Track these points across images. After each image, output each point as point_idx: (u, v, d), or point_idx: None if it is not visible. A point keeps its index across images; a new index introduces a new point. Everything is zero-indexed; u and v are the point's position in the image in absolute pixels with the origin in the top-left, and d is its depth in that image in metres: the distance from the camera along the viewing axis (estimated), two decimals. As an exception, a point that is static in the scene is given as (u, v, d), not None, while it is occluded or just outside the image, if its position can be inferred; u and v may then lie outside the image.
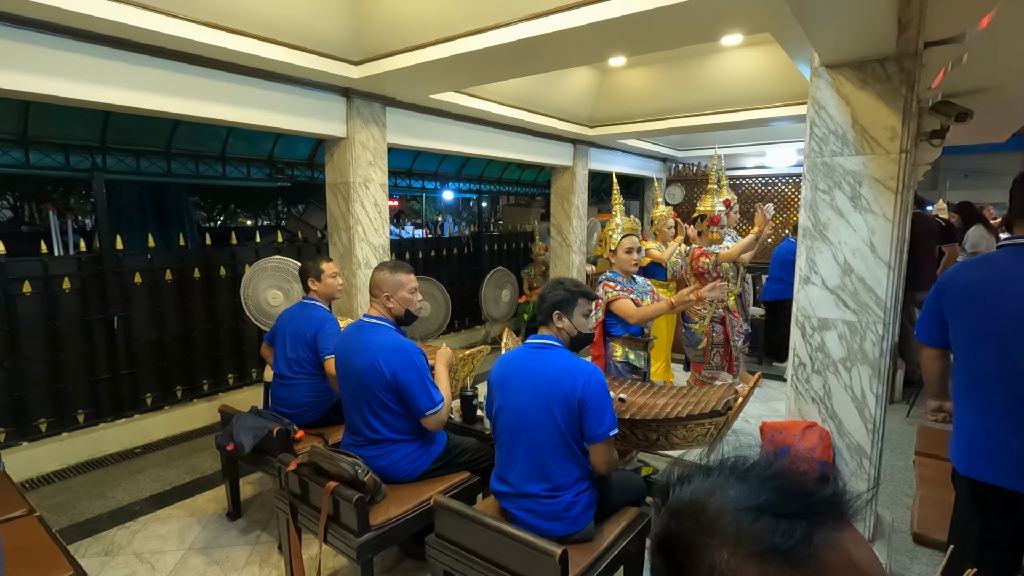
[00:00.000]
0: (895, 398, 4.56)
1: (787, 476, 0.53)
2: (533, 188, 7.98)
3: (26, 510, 2.11)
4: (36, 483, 3.34)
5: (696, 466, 0.58)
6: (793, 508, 0.49)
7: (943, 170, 13.30)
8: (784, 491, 0.50)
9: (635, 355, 3.03)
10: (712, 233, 3.70)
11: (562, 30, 2.51)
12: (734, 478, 0.53)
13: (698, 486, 0.54)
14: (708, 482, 0.54)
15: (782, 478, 0.52)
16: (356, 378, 2.21)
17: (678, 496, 0.55)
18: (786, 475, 0.53)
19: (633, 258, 3.01)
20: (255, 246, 4.51)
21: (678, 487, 0.56)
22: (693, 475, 0.57)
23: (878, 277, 2.25)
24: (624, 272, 3.03)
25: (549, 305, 2.01)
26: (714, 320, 3.72)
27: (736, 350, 3.61)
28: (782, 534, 0.47)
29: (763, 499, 0.50)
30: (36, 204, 11.57)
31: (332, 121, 3.74)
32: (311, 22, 3.02)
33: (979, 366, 1.67)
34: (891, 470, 3.37)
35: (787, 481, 0.52)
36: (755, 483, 0.52)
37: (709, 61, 4.49)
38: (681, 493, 0.55)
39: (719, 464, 0.57)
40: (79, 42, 2.57)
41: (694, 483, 0.55)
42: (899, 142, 2.18)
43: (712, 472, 0.56)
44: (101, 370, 3.75)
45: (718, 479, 0.54)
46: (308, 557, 2.47)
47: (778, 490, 0.51)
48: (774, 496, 0.50)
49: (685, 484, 0.56)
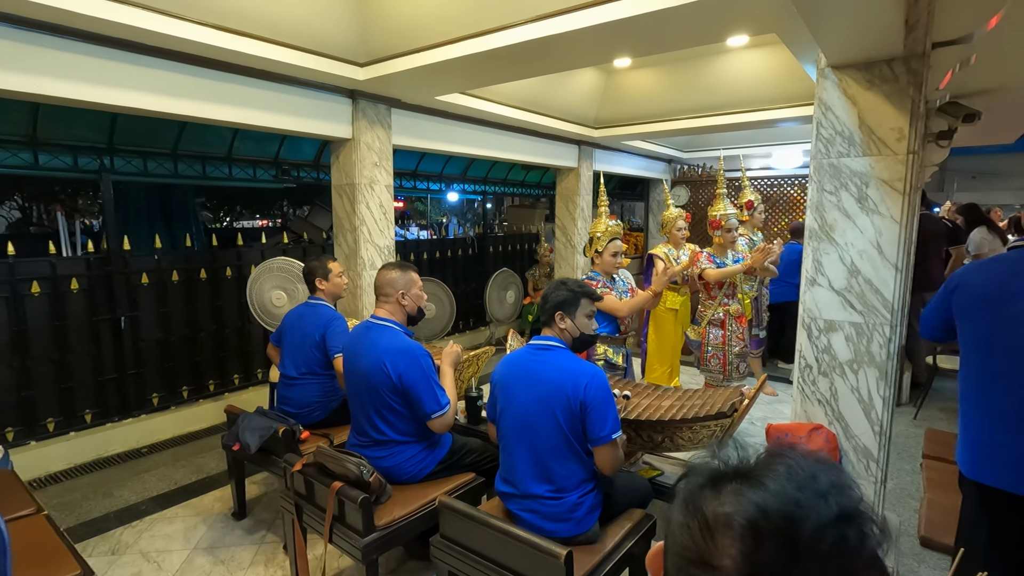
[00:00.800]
0: (902, 400, 4.53)
1: (839, 477, 0.50)
2: (538, 189, 7.98)
3: (34, 509, 2.12)
4: (44, 482, 3.36)
5: (735, 472, 0.52)
6: (864, 510, 0.48)
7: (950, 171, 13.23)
8: (847, 491, 0.48)
9: (613, 351, 3.13)
10: (716, 237, 3.68)
11: (568, 31, 2.51)
12: (810, 489, 0.48)
13: (768, 500, 0.47)
14: (780, 496, 0.47)
15: (840, 475, 0.50)
16: (362, 379, 2.22)
17: (748, 524, 0.47)
18: (838, 476, 0.50)
19: (617, 261, 3.12)
20: (261, 247, 4.53)
21: (713, 509, 0.49)
22: (742, 482, 0.50)
23: (885, 279, 2.24)
24: (605, 272, 3.14)
25: (552, 306, 2.01)
26: (712, 324, 3.70)
27: (733, 356, 3.59)
28: (876, 539, 0.46)
29: (842, 508, 0.47)
30: (44, 205, 11.67)
31: (338, 123, 3.75)
32: (317, 24, 3.04)
33: (989, 369, 1.65)
34: (898, 473, 3.35)
35: (843, 480, 0.49)
36: (826, 490, 0.47)
37: (715, 62, 4.48)
38: (747, 511, 0.47)
39: (761, 466, 0.51)
40: (87, 44, 2.59)
41: (755, 495, 0.48)
42: (906, 143, 2.16)
43: (767, 478, 0.49)
44: (108, 370, 3.77)
45: (786, 487, 0.48)
46: (313, 557, 2.47)
47: (844, 494, 0.48)
48: (845, 501, 0.47)
49: (724, 505, 0.49)
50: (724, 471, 0.53)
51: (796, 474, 0.49)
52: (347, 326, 2.85)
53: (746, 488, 0.49)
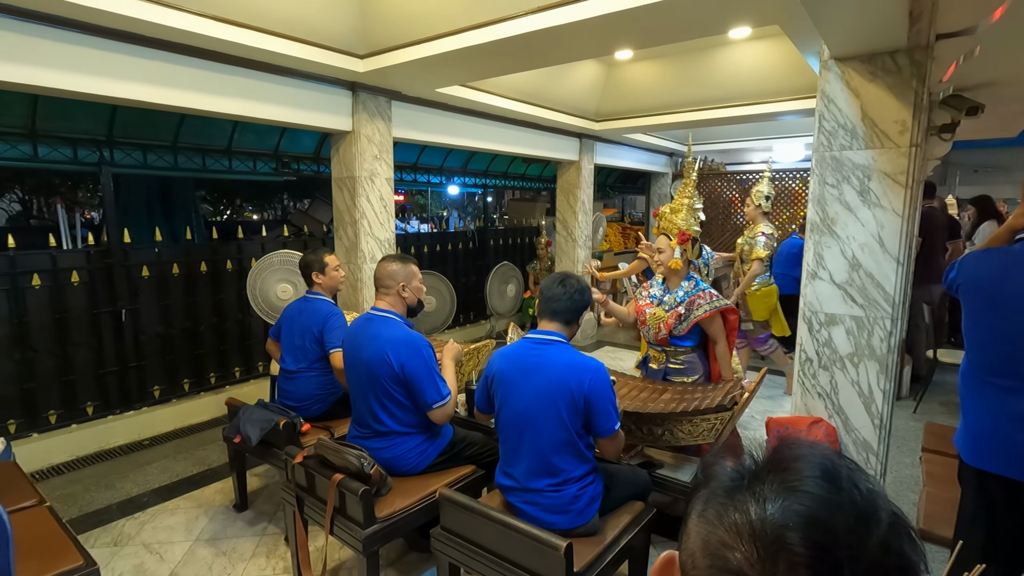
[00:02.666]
0: (902, 394, 4.53)
1: (856, 474, 0.48)
2: (539, 183, 7.96)
3: (36, 500, 2.13)
4: (46, 474, 3.38)
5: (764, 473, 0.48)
6: (908, 523, 0.46)
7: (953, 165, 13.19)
8: (895, 510, 0.47)
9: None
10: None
11: (569, 23, 2.50)
12: (857, 497, 0.45)
13: (817, 510, 0.44)
14: (829, 503, 0.44)
15: (881, 491, 0.48)
16: (364, 370, 2.22)
17: (807, 532, 0.42)
18: (851, 472, 0.48)
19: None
20: (261, 240, 4.53)
21: (779, 512, 0.44)
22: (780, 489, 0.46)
23: (887, 272, 2.23)
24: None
25: (584, 305, 2.01)
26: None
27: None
28: (908, 542, 0.45)
29: (890, 513, 0.45)
30: (45, 198, 11.67)
31: (338, 115, 3.74)
32: (317, 15, 3.02)
33: (992, 358, 1.67)
34: (897, 466, 3.36)
35: (861, 480, 0.47)
36: (870, 495, 0.46)
37: (716, 55, 4.46)
38: (801, 525, 0.43)
39: (788, 467, 0.48)
40: (87, 36, 2.58)
41: (800, 504, 0.44)
42: (909, 136, 2.15)
43: (803, 484, 0.46)
44: (109, 363, 3.77)
45: (833, 494, 0.45)
46: (314, 549, 2.48)
47: (881, 495, 0.47)
48: (888, 505, 0.46)
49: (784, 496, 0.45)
50: (752, 471, 0.49)
51: (834, 478, 0.46)
52: (345, 321, 2.84)
53: (789, 496, 0.45)
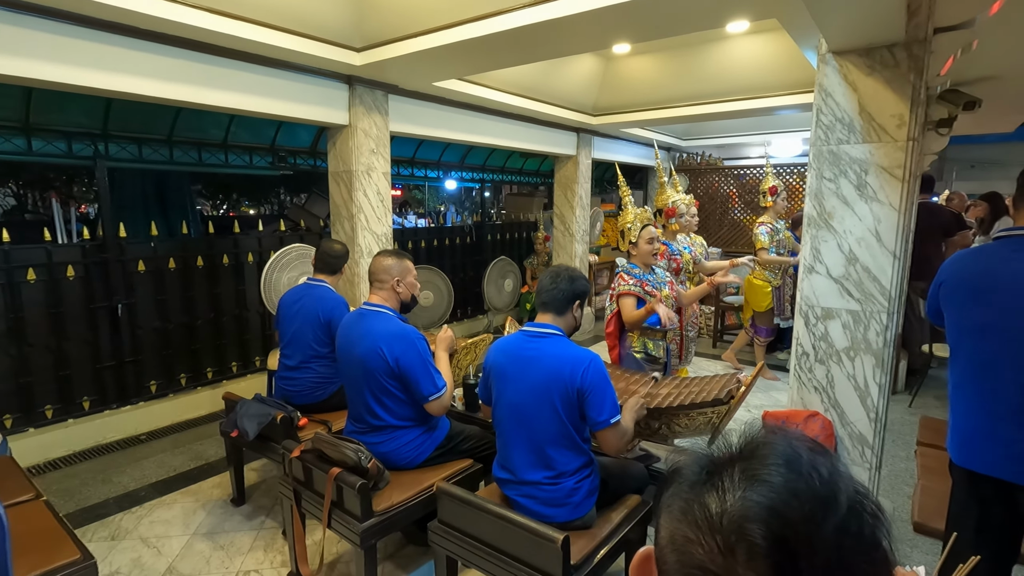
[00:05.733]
0: (898, 388, 4.56)
1: (838, 468, 0.48)
2: (536, 177, 7.94)
3: (33, 495, 2.13)
4: (43, 468, 3.37)
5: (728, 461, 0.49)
6: (864, 493, 0.47)
7: (950, 160, 13.20)
8: (848, 478, 0.47)
9: (653, 344, 3.02)
10: (672, 225, 3.59)
11: (567, 16, 2.49)
12: (817, 480, 0.46)
13: (777, 501, 0.44)
14: (790, 492, 0.45)
15: (832, 459, 0.48)
16: (359, 365, 2.22)
17: (770, 537, 0.43)
18: (832, 461, 0.48)
19: (654, 248, 2.98)
20: (258, 235, 4.51)
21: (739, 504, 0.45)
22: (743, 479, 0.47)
23: (883, 266, 2.24)
24: (644, 264, 3.00)
25: (574, 294, 1.99)
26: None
27: (688, 340, 3.58)
28: (878, 532, 0.47)
29: (851, 498, 0.46)
30: (39, 192, 11.58)
31: (334, 109, 3.72)
32: (313, 8, 3.00)
33: (978, 358, 1.67)
34: (892, 460, 3.38)
35: (837, 465, 0.48)
36: (831, 480, 0.46)
37: (714, 49, 4.44)
38: (761, 516, 0.44)
39: (754, 457, 0.48)
40: (81, 27, 2.56)
41: (761, 495, 0.45)
42: (907, 130, 2.16)
43: (766, 473, 0.46)
44: (106, 357, 3.76)
45: (793, 483, 0.45)
46: (312, 542, 2.49)
47: (847, 481, 0.47)
48: (852, 488, 0.47)
49: (740, 495, 0.46)
50: (715, 463, 0.50)
51: (795, 464, 0.47)
52: (349, 310, 2.85)
53: (749, 487, 0.46)
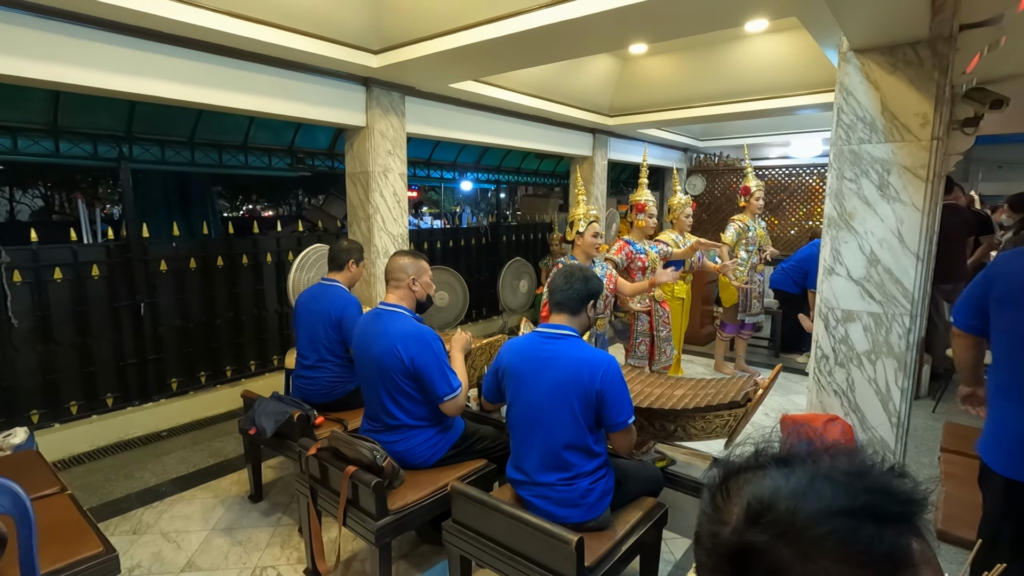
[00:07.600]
0: (921, 393, 4.46)
1: (875, 472, 0.48)
2: (552, 178, 7.93)
3: (58, 488, 2.18)
4: (67, 463, 3.45)
5: (755, 459, 0.52)
6: (893, 510, 0.45)
7: (975, 161, 12.87)
8: (879, 491, 0.46)
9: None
10: (639, 220, 3.56)
11: (584, 16, 2.48)
12: (821, 477, 0.47)
13: (776, 487, 0.48)
14: (790, 482, 0.47)
15: (872, 475, 0.48)
16: (375, 365, 2.23)
17: (756, 498, 0.48)
18: (874, 471, 0.48)
19: (597, 242, 3.16)
20: (276, 235, 4.57)
21: (739, 483, 0.50)
22: (757, 470, 0.51)
23: (906, 268, 2.19)
24: (586, 255, 3.17)
25: (588, 293, 1.98)
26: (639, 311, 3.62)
27: (660, 340, 3.55)
28: (888, 541, 0.44)
29: (860, 502, 0.45)
30: (66, 193, 11.88)
31: (352, 110, 3.75)
32: (331, 11, 3.03)
33: None
34: (915, 466, 3.31)
35: (877, 479, 0.47)
36: (845, 482, 0.47)
37: (732, 48, 4.40)
38: (759, 494, 0.48)
39: (785, 456, 0.51)
40: (107, 32, 2.62)
41: (766, 482, 0.48)
42: (931, 129, 2.11)
43: (784, 466, 0.50)
44: (128, 355, 3.84)
45: (800, 477, 0.48)
46: (328, 540, 2.51)
47: (872, 490, 0.46)
48: (871, 498, 0.45)
49: (750, 481, 0.50)
50: (765, 457, 0.54)
51: (824, 467, 0.49)
52: (362, 310, 2.87)
53: (776, 469, 0.50)
